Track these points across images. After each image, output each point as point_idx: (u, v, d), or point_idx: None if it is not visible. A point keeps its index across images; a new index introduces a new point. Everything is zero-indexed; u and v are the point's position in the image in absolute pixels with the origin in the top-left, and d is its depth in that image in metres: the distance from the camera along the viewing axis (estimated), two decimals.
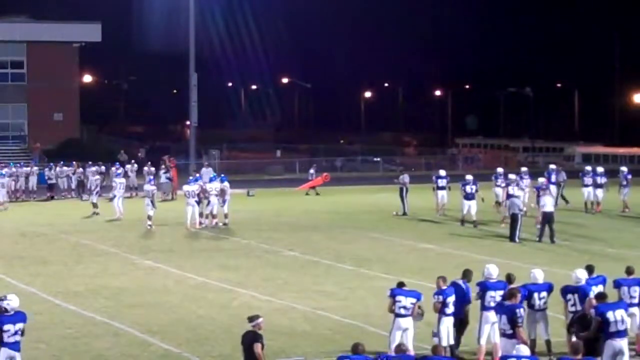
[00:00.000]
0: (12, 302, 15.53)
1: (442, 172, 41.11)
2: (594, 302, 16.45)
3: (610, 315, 15.85)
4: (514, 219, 32.90)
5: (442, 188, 40.07)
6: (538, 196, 34.42)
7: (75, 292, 24.71)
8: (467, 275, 18.38)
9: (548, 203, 33.14)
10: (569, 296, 17.55)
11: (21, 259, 30.14)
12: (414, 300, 17.32)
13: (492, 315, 17.43)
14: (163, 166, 49.28)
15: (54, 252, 31.48)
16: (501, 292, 17.42)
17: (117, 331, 20.66)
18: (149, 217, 36.89)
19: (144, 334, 20.34)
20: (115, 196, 40.34)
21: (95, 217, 40.37)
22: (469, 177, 37.79)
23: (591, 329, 15.92)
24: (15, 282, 26.21)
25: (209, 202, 37.11)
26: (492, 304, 17.44)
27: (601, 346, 15.84)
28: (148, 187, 38.24)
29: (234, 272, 27.55)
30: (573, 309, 17.33)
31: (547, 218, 32.79)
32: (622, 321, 15.96)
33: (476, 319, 18.05)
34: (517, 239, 32.57)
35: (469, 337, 18.32)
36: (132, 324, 21.16)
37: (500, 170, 41.21)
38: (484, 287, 17.73)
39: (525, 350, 14.49)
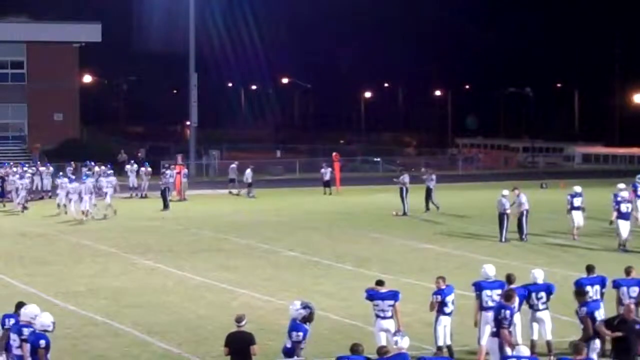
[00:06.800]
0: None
1: (578, 189, 33.96)
2: (632, 307, 16.49)
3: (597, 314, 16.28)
4: (500, 219, 33.13)
5: (578, 208, 33.42)
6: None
7: (75, 292, 24.73)
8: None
9: (524, 201, 33.48)
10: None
11: (21, 259, 30.17)
12: (391, 302, 17.28)
13: (490, 315, 17.40)
14: (173, 166, 49.43)
15: (54, 252, 31.50)
16: (498, 292, 17.41)
17: (117, 331, 20.67)
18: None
19: (144, 334, 20.35)
20: None
21: (92, 218, 40.35)
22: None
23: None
24: (15, 282, 26.23)
25: (105, 195, 41.98)
26: (490, 304, 17.42)
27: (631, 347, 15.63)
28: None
29: (234, 272, 27.55)
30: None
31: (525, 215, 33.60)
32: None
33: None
34: (503, 239, 32.78)
35: (468, 337, 18.32)
36: (132, 324, 21.17)
37: None
38: (479, 287, 17.74)
39: (525, 351, 14.48)
